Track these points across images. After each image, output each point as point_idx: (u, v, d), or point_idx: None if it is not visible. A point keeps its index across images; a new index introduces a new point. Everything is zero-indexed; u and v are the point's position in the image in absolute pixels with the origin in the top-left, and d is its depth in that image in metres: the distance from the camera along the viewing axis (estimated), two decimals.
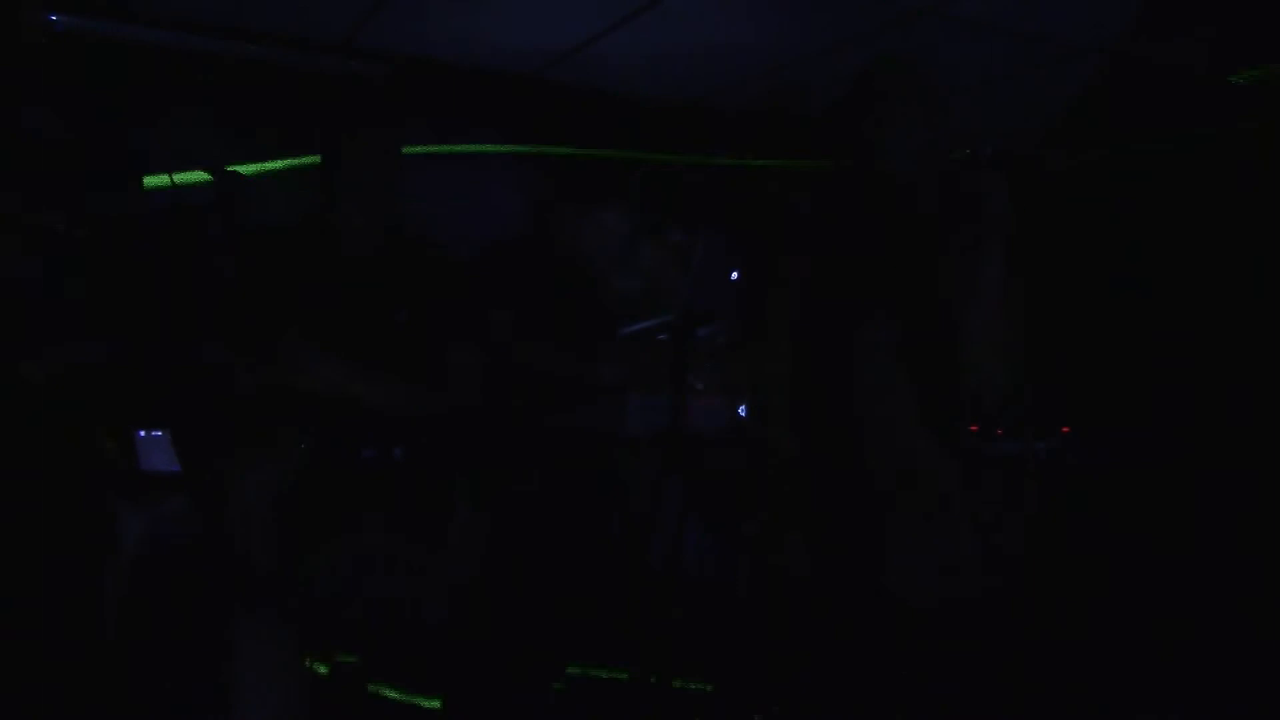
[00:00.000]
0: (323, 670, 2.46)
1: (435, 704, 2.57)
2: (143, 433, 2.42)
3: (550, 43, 2.98)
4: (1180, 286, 3.63)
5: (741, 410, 3.11)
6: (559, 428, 2.85)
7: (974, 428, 3.29)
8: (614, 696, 2.76)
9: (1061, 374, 3.68)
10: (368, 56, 3.05)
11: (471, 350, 2.55)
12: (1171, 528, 3.28)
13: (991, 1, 2.68)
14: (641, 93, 3.43)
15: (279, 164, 3.01)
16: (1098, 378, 3.66)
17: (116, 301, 2.38)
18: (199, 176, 2.43)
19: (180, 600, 2.42)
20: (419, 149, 3.23)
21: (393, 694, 2.56)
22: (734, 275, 3.48)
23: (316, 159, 2.43)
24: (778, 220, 3.56)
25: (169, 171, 2.57)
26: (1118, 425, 3.52)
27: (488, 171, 3.29)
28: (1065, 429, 3.40)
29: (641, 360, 3.23)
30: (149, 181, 2.69)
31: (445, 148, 3.27)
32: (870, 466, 2.60)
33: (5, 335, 2.25)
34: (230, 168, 2.40)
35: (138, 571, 2.39)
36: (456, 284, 2.63)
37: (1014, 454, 3.32)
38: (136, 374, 2.36)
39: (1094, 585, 3.26)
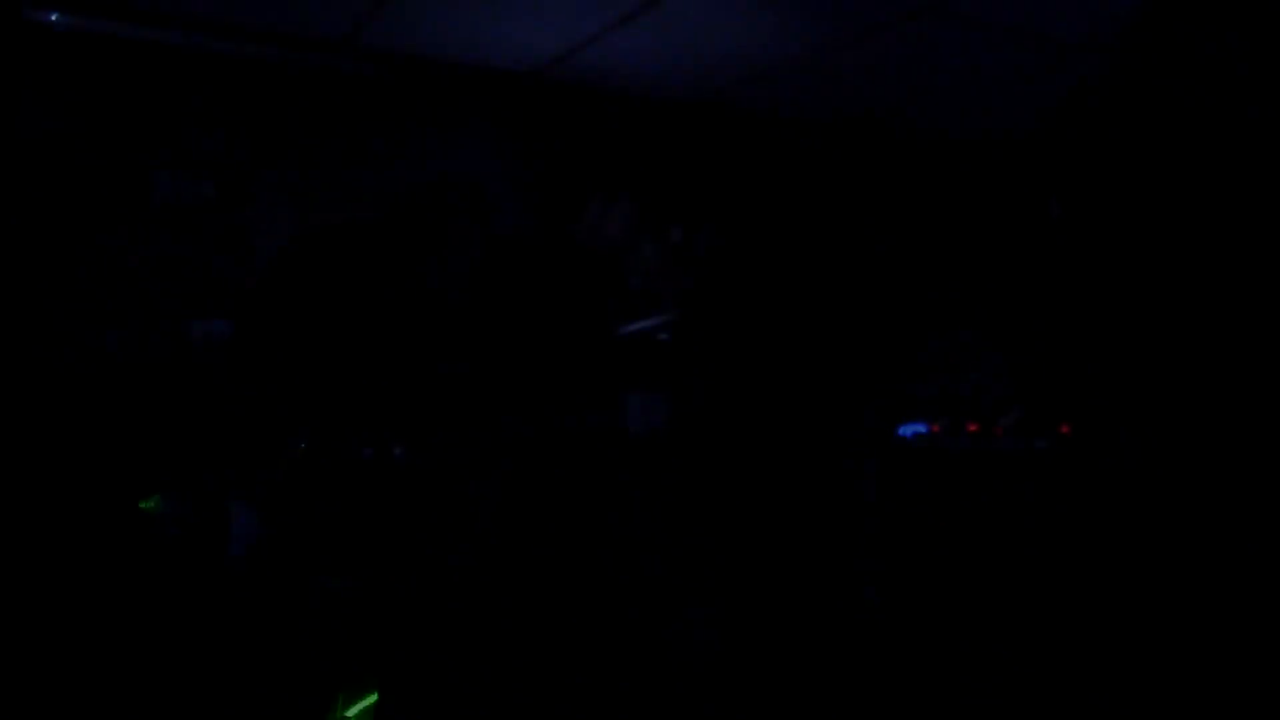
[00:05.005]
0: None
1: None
2: None
3: (550, 43, 2.98)
4: (1181, 284, 3.63)
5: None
6: (559, 428, 2.86)
7: (973, 427, 3.30)
8: None
9: (1062, 373, 3.68)
10: (368, 56, 3.05)
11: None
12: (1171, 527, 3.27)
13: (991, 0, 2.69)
14: (642, 92, 3.44)
15: None
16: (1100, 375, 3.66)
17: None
18: None
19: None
20: None
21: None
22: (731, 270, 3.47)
23: None
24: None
25: (169, 170, 2.58)
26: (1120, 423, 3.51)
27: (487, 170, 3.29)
28: (1065, 429, 3.40)
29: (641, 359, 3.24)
30: None
31: None
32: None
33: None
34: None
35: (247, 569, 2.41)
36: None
37: (1014, 453, 3.33)
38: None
39: (1092, 583, 3.26)
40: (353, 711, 2.48)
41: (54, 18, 2.64)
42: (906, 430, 3.27)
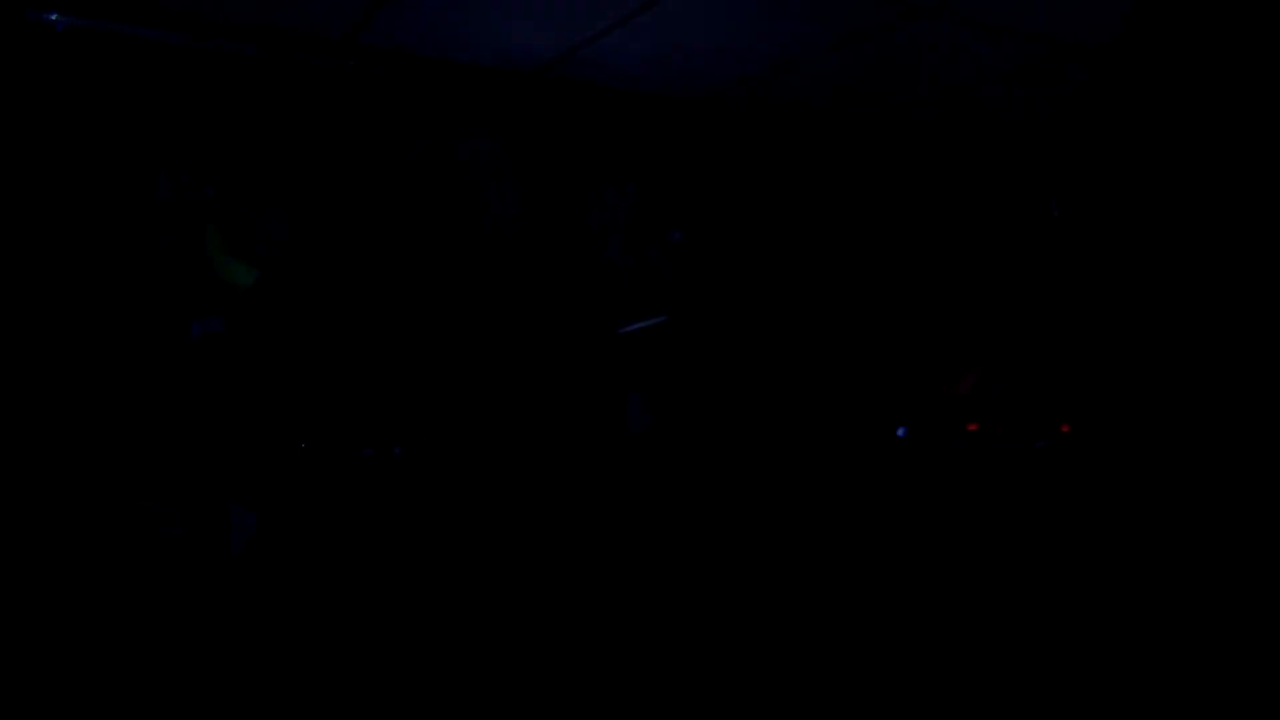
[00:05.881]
0: None
1: None
2: None
3: (550, 42, 2.98)
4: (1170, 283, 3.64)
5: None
6: (559, 427, 2.86)
7: (973, 426, 3.30)
8: None
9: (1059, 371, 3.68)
10: (368, 56, 3.05)
11: None
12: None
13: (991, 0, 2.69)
14: (642, 92, 3.44)
15: None
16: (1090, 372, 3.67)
17: None
18: None
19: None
20: None
21: None
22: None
23: None
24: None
25: (170, 170, 2.58)
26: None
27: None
28: (1065, 429, 3.40)
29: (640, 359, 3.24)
30: None
31: None
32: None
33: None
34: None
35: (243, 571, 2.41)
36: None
37: (1014, 453, 3.33)
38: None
39: (1089, 581, 3.26)
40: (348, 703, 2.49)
41: (54, 18, 2.64)
42: (904, 430, 3.27)
